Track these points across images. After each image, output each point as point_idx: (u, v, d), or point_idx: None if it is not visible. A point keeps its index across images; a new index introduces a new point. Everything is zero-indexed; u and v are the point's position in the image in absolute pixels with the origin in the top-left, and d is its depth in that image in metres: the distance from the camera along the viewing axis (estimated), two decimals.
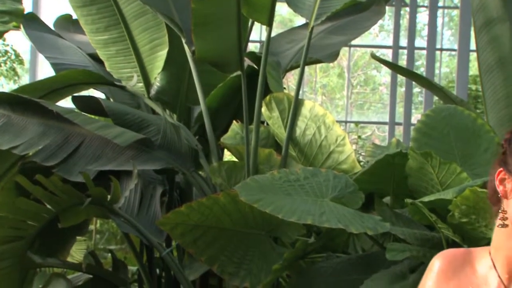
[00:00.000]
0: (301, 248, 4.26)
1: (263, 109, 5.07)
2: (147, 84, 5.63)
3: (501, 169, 1.71)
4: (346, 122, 18.74)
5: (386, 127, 16.60)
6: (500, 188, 1.70)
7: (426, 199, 3.78)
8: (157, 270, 5.97)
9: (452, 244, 3.85)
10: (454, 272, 1.76)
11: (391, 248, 3.78)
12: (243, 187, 3.96)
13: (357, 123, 16.96)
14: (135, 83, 5.50)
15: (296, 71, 5.14)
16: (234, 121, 5.26)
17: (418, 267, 3.84)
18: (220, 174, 4.82)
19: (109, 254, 6.21)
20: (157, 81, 5.59)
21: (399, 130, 16.00)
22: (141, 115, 5.30)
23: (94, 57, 5.90)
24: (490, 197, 1.75)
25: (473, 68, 14.42)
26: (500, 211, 1.71)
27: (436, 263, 1.80)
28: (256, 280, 4.28)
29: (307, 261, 4.62)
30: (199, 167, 5.36)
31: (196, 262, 5.11)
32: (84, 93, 5.98)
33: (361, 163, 5.53)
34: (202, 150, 5.29)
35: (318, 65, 23.72)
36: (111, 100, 5.92)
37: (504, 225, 1.69)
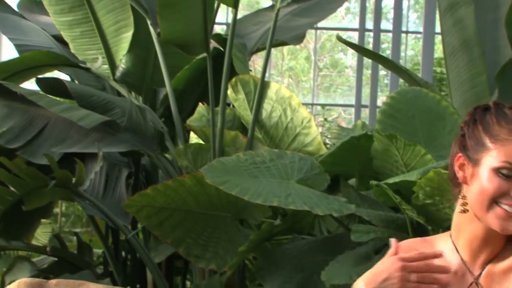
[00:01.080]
0: (267, 230, 4.27)
1: (229, 91, 5.06)
2: (112, 66, 5.59)
3: (460, 154, 1.70)
4: (312, 104, 18.77)
5: (353, 110, 16.66)
6: (459, 174, 1.70)
7: (391, 180, 3.81)
8: (123, 253, 5.96)
9: (417, 226, 3.89)
10: None
11: (356, 229, 3.81)
12: (209, 169, 3.96)
13: (323, 105, 16.98)
14: (100, 65, 5.46)
15: (263, 54, 5.13)
16: (200, 103, 5.25)
17: (383, 249, 3.87)
18: (186, 157, 4.81)
19: (75, 237, 6.18)
20: (122, 63, 5.55)
21: (365, 113, 16.05)
22: (106, 97, 5.26)
23: (59, 39, 5.84)
24: (451, 179, 1.75)
25: (438, 51, 14.49)
26: (460, 196, 1.71)
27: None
28: (222, 262, 4.29)
29: (273, 243, 4.64)
30: (165, 149, 5.35)
31: (162, 244, 5.10)
32: (49, 75, 5.93)
33: (327, 146, 5.55)
34: (168, 132, 5.27)
35: (286, 49, 23.71)
36: (76, 82, 5.87)
37: (464, 211, 1.70)
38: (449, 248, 1.75)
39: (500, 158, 1.63)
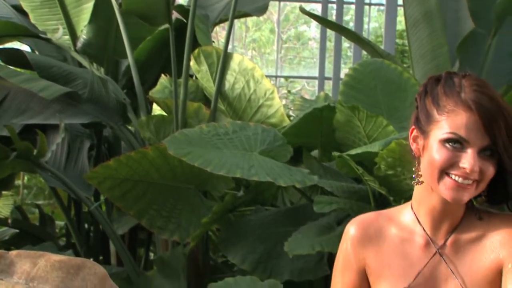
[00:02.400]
0: (230, 202, 4.28)
1: (192, 62, 5.04)
2: (73, 37, 5.53)
3: (413, 127, 1.71)
4: (276, 76, 18.77)
5: (316, 82, 16.68)
6: (413, 146, 1.71)
7: (353, 152, 3.82)
8: (85, 225, 5.93)
9: (379, 196, 3.92)
10: (370, 238, 1.76)
11: (319, 200, 3.83)
12: (171, 141, 3.95)
13: (287, 77, 17.00)
14: (60, 36, 5.39)
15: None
16: (162, 75, 5.22)
17: (345, 219, 3.90)
18: (149, 128, 4.79)
19: (37, 209, 6.15)
20: (83, 34, 5.49)
21: (328, 85, 16.08)
22: (67, 68, 5.21)
23: (18, 9, 5.76)
24: (410, 152, 1.76)
25: (402, 23, 14.54)
26: (414, 168, 1.72)
27: (351, 230, 1.79)
28: (185, 234, 4.29)
29: (236, 214, 4.65)
30: (127, 121, 5.32)
31: (125, 216, 5.10)
32: (9, 45, 5.85)
33: (291, 118, 5.56)
34: (130, 104, 5.24)
35: (250, 21, 23.64)
36: (36, 53, 5.80)
37: (419, 182, 1.71)
38: (410, 219, 1.76)
39: (447, 129, 1.63)
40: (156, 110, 6.03)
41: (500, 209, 1.75)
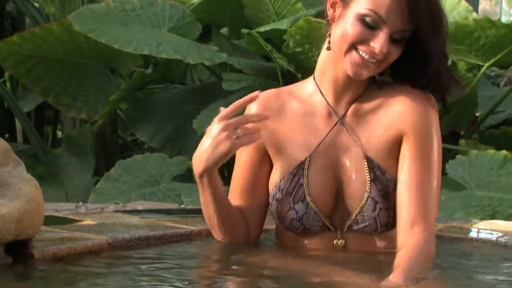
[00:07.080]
0: (138, 79, 4.26)
1: None
2: None
3: None
4: None
5: None
6: (330, 12, 1.72)
7: (262, 29, 3.83)
8: None
9: (287, 74, 3.95)
10: (273, 114, 1.77)
11: (228, 78, 3.85)
12: (77, 17, 3.89)
13: None
14: None
15: None
16: None
17: None
18: (54, 3, 4.67)
19: None
20: None
21: None
22: None
23: None
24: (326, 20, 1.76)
25: None
26: (327, 34, 1.73)
27: (252, 108, 1.79)
28: (93, 111, 4.28)
29: (144, 92, 4.65)
30: None
31: (31, 93, 5.00)
32: None
33: None
34: None
35: None
36: None
37: (329, 48, 1.72)
38: (312, 90, 1.78)
39: (367, 5, 1.64)
40: None
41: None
